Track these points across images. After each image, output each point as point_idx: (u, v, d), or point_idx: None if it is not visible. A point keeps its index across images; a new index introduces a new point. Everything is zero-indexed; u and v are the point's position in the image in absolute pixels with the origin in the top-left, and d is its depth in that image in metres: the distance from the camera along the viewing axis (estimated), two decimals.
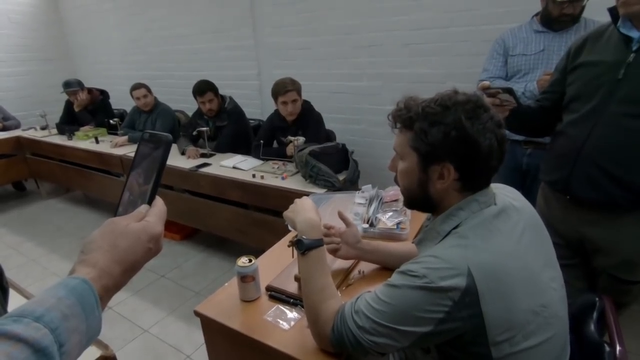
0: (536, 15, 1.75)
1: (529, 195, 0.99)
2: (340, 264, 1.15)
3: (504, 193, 0.80)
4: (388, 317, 0.69)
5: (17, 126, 3.90)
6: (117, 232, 0.45)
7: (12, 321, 0.34)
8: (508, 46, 1.78)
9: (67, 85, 3.44)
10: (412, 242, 0.90)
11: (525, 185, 1.76)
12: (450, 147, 0.70)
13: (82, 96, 3.47)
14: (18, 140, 3.67)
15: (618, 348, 0.75)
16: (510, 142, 1.74)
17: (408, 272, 0.69)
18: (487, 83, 1.13)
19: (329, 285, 0.84)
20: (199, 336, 1.05)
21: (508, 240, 0.70)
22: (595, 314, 0.84)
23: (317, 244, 0.86)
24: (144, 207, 0.50)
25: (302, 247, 0.85)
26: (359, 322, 0.72)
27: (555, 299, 0.72)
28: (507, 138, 1.81)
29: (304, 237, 0.86)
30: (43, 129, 3.74)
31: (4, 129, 3.79)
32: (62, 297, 0.37)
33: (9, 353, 0.32)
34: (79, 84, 3.49)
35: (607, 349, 0.76)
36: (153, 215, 0.49)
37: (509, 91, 1.12)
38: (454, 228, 0.73)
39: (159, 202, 0.52)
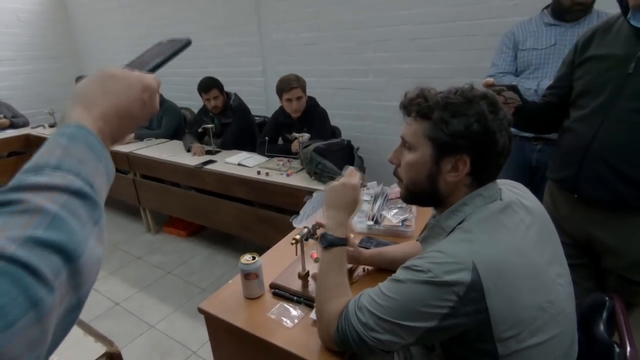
0: (546, 7, 1.70)
1: (538, 191, 0.97)
2: None
3: (510, 189, 0.80)
4: (392, 313, 0.68)
5: (25, 124, 3.95)
6: (107, 75, 0.43)
7: (32, 174, 0.32)
8: (518, 40, 1.73)
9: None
10: (417, 240, 0.89)
11: (535, 182, 1.73)
12: (470, 139, 0.69)
13: None
14: (27, 138, 3.72)
15: (628, 349, 0.73)
16: (519, 138, 1.71)
17: (413, 267, 0.69)
18: (491, 80, 1.10)
19: (342, 285, 0.84)
20: (205, 332, 1.06)
21: (513, 235, 0.69)
22: (605, 314, 0.82)
23: (340, 242, 0.87)
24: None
25: (325, 242, 0.87)
26: (363, 318, 0.72)
27: (562, 296, 0.71)
28: (516, 135, 1.78)
29: (329, 232, 0.87)
30: (51, 126, 3.78)
31: (13, 126, 3.84)
32: (67, 146, 0.35)
33: (49, 198, 0.31)
34: None
35: (617, 349, 0.74)
36: (148, 75, 0.46)
37: (513, 89, 1.10)
38: (459, 223, 0.73)
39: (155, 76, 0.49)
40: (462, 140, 0.69)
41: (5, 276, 0.25)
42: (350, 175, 0.94)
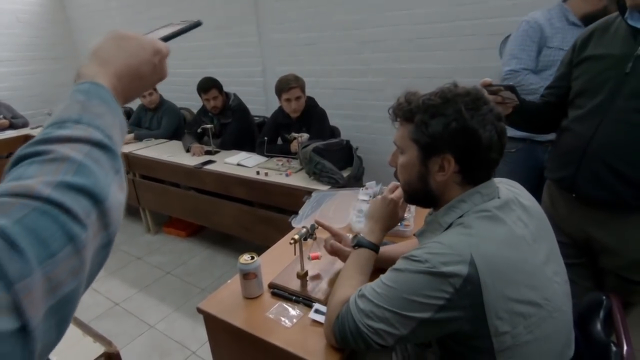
0: (565, 0, 1.55)
1: None
2: (342, 263, 1.14)
3: (507, 187, 0.81)
4: (389, 301, 0.69)
5: (25, 124, 3.95)
6: (121, 36, 0.46)
7: (57, 128, 0.35)
8: (546, 36, 1.54)
9: None
10: (414, 235, 0.90)
11: (543, 183, 1.70)
12: (450, 138, 0.71)
13: None
14: (27, 138, 3.71)
15: (625, 348, 0.74)
16: (531, 142, 1.68)
17: (411, 257, 0.70)
18: (488, 80, 1.10)
19: (357, 280, 0.86)
20: (204, 332, 1.06)
21: (511, 232, 0.70)
22: (602, 313, 0.82)
23: (367, 244, 0.92)
24: None
25: (354, 241, 0.94)
26: (361, 304, 0.73)
27: (558, 293, 0.72)
28: (527, 138, 1.73)
29: (362, 235, 0.95)
30: None
31: (12, 127, 3.83)
32: (85, 102, 0.38)
33: (74, 148, 0.33)
34: None
35: (614, 349, 0.74)
36: (160, 41, 0.49)
37: (511, 88, 1.10)
38: (458, 219, 0.74)
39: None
40: (443, 140, 0.71)
41: (45, 215, 0.29)
42: (391, 190, 0.99)
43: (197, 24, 0.55)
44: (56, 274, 0.28)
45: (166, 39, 0.51)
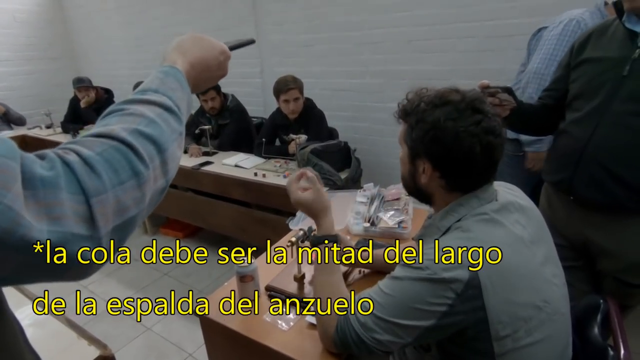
0: (606, 4, 1.44)
1: None
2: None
3: (505, 190, 0.81)
4: (391, 311, 0.68)
5: (21, 119, 3.92)
6: (198, 36, 0.57)
7: (139, 94, 0.45)
8: None
9: (79, 81, 3.46)
10: (412, 238, 0.90)
11: None
12: (428, 145, 0.72)
13: (91, 94, 3.50)
14: (24, 139, 3.70)
15: (622, 352, 0.73)
16: None
17: (411, 264, 0.69)
18: (486, 82, 1.10)
19: (333, 283, 0.83)
20: (201, 334, 1.05)
21: (510, 235, 0.70)
22: (599, 317, 0.82)
23: (318, 240, 0.88)
24: None
25: (312, 243, 0.89)
26: (362, 318, 0.72)
27: (557, 295, 0.72)
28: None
29: (314, 234, 0.93)
30: (48, 127, 3.76)
31: (9, 120, 3.82)
32: (163, 78, 0.48)
33: (150, 109, 0.43)
34: (89, 82, 3.53)
35: (611, 352, 0.74)
36: (225, 46, 0.61)
37: (508, 90, 1.10)
38: (455, 222, 0.73)
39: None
40: (422, 146, 0.73)
41: (119, 151, 0.37)
42: (291, 190, 0.94)
43: (251, 42, 0.68)
44: (124, 199, 0.36)
45: (231, 48, 0.62)
